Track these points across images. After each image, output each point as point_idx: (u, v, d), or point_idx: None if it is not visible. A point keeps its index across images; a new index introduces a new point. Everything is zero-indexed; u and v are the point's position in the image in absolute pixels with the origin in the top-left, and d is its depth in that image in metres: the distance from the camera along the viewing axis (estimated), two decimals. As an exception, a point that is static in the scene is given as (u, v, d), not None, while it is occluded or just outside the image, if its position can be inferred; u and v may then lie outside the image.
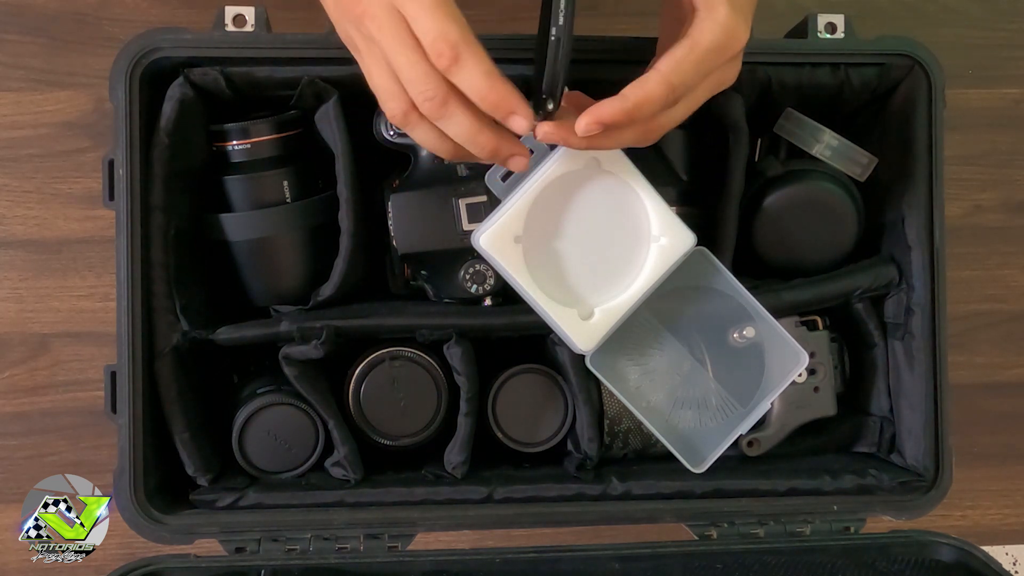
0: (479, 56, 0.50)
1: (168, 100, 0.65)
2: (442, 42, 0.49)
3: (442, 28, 0.49)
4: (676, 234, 0.64)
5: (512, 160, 0.56)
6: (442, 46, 0.49)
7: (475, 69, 0.50)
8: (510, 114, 0.52)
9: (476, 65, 0.50)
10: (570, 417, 0.71)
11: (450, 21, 0.49)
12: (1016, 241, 0.90)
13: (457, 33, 0.49)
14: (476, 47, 0.50)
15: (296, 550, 0.66)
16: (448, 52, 0.49)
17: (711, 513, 0.69)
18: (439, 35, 0.49)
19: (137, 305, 0.64)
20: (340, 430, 0.68)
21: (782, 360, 0.69)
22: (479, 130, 0.53)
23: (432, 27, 0.49)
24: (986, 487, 0.90)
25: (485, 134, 0.53)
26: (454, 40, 0.49)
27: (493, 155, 0.55)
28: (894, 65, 0.69)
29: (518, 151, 0.55)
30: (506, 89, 0.52)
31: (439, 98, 0.51)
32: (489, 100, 0.51)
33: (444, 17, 0.49)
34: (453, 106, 0.52)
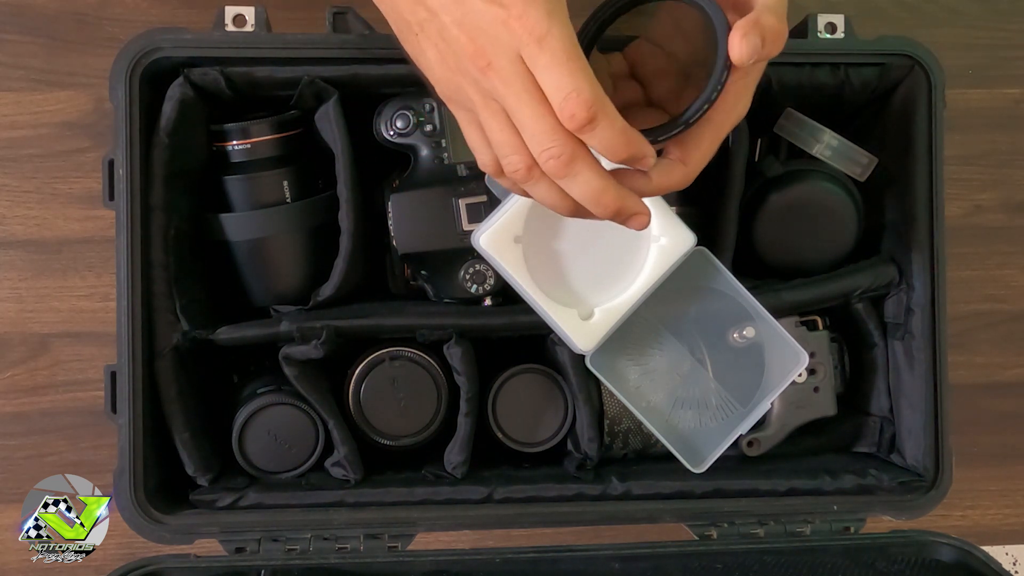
0: (613, 114, 0.47)
1: (168, 100, 0.65)
2: (575, 100, 0.46)
3: (576, 85, 0.46)
4: (676, 234, 0.64)
5: (634, 219, 0.52)
6: (576, 105, 0.46)
7: (610, 128, 0.47)
8: (643, 158, 0.50)
9: (610, 124, 0.47)
10: (570, 417, 0.71)
11: (583, 76, 0.46)
12: (1016, 241, 0.90)
13: (590, 91, 0.46)
14: (608, 104, 0.47)
15: (296, 550, 0.66)
16: (583, 112, 0.46)
17: (711, 513, 0.69)
18: (572, 93, 0.46)
19: (137, 305, 0.64)
20: (340, 430, 0.68)
21: (782, 360, 0.69)
22: (603, 190, 0.50)
23: (565, 84, 0.46)
24: (986, 487, 0.90)
25: (609, 194, 0.50)
26: (588, 99, 0.46)
27: (616, 215, 0.51)
28: (894, 65, 0.69)
29: (641, 209, 0.52)
30: (639, 139, 0.49)
31: (565, 156, 0.48)
32: (626, 154, 0.49)
33: (579, 73, 0.46)
34: (580, 165, 0.49)
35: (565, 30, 0.46)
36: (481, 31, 0.47)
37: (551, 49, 0.46)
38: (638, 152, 0.49)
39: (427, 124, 0.68)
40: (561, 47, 0.46)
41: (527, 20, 0.46)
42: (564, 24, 0.47)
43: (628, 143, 0.48)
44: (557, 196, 0.51)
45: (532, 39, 0.46)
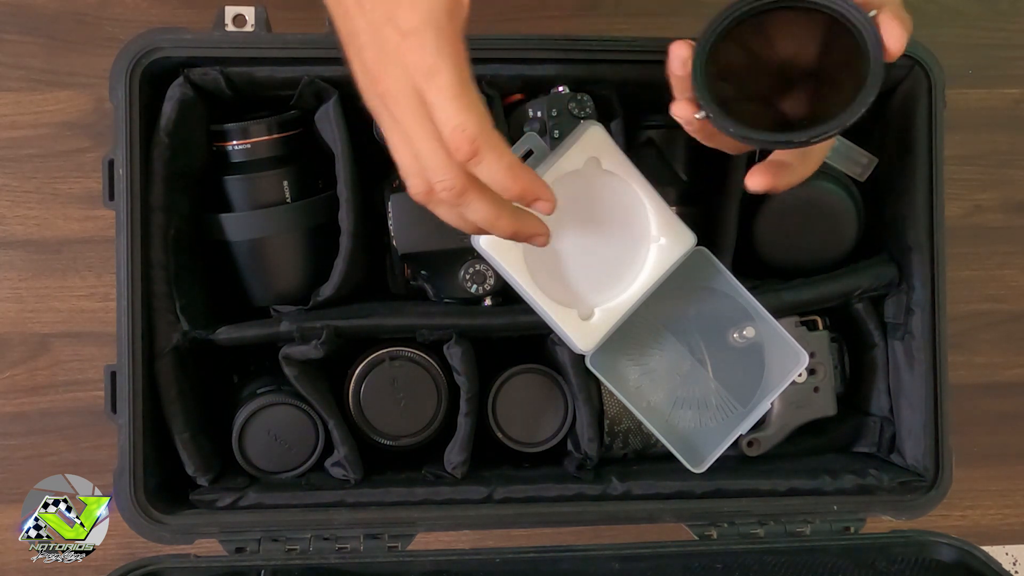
0: (499, 149, 0.49)
1: (168, 100, 0.65)
2: (460, 135, 0.48)
3: (460, 120, 0.48)
4: (676, 234, 0.64)
5: (535, 239, 0.55)
6: (460, 140, 0.48)
7: (495, 164, 0.49)
8: (534, 201, 0.52)
9: (496, 160, 0.49)
10: (570, 417, 0.71)
11: (468, 112, 0.48)
12: (1016, 241, 0.90)
13: (476, 125, 0.48)
14: (495, 139, 0.49)
15: (296, 550, 0.66)
16: (466, 147, 0.48)
17: (711, 513, 0.69)
18: (457, 127, 0.48)
19: (137, 305, 0.64)
20: (340, 430, 0.68)
21: (782, 360, 0.69)
22: (498, 216, 0.52)
23: (451, 118, 0.48)
24: (986, 487, 0.90)
25: (504, 219, 0.53)
26: (472, 134, 0.48)
27: (514, 236, 0.54)
28: (894, 65, 0.69)
29: (539, 231, 0.55)
30: (528, 178, 0.51)
31: (456, 189, 0.50)
32: (512, 192, 0.51)
33: (463, 108, 0.48)
34: (471, 195, 0.51)
35: (454, 65, 0.48)
36: (385, 58, 0.49)
37: (438, 84, 0.48)
38: (528, 191, 0.51)
39: (427, 124, 0.68)
40: (448, 83, 0.48)
41: (418, 53, 0.48)
42: (454, 59, 0.48)
43: (516, 179, 0.50)
44: (457, 218, 0.54)
45: (421, 73, 0.48)
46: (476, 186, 0.51)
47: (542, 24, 0.86)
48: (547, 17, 0.86)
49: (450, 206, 0.53)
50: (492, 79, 0.67)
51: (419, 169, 0.51)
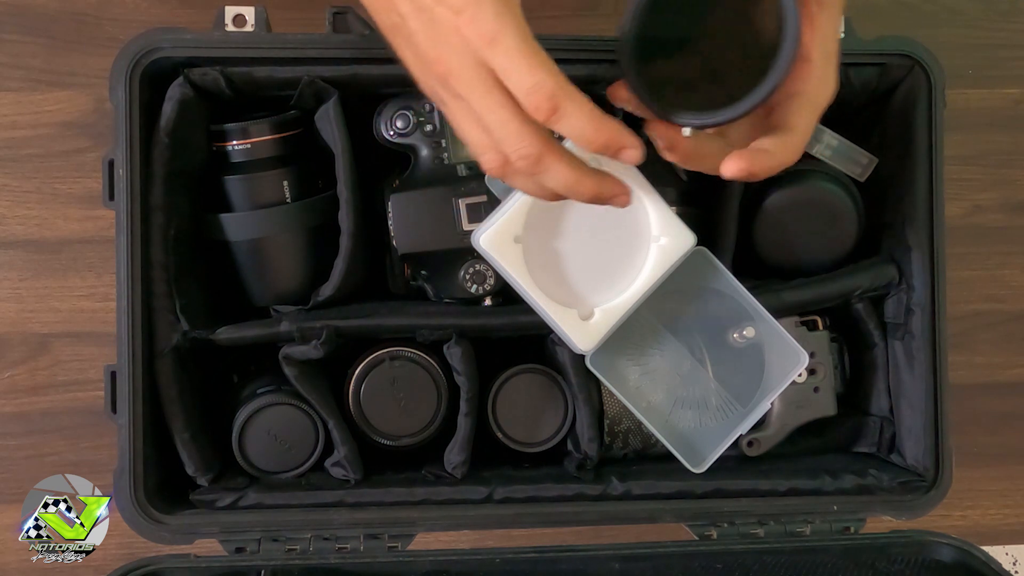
0: (579, 101, 0.49)
1: (168, 100, 0.65)
2: (539, 95, 0.48)
3: (536, 79, 0.47)
4: (676, 234, 0.64)
5: (616, 199, 0.55)
6: (539, 98, 0.48)
7: (577, 114, 0.49)
8: (621, 149, 0.51)
9: (577, 110, 0.48)
10: (570, 417, 0.71)
11: (543, 71, 0.47)
12: (1016, 241, 0.90)
13: (552, 81, 0.48)
14: (574, 92, 0.48)
15: (296, 550, 0.66)
16: (546, 104, 0.48)
17: (711, 513, 0.69)
18: (533, 87, 0.47)
19: (137, 305, 0.64)
20: (340, 430, 0.68)
21: (782, 360, 0.69)
22: (578, 179, 0.52)
23: (524, 79, 0.47)
24: (986, 487, 0.90)
25: (585, 183, 0.52)
26: (550, 90, 0.47)
27: (596, 199, 0.54)
28: (894, 65, 0.69)
29: (620, 190, 0.55)
30: (612, 126, 0.50)
31: (533, 156, 0.50)
32: (598, 142, 0.50)
33: (537, 67, 0.47)
34: (549, 161, 0.50)
35: (517, 27, 0.47)
36: (441, 38, 0.48)
37: (505, 49, 0.47)
38: (613, 140, 0.50)
39: (427, 124, 0.68)
40: (515, 45, 0.47)
41: (477, 24, 0.47)
42: (515, 22, 0.47)
43: (599, 129, 0.49)
44: (536, 187, 0.54)
45: (484, 42, 0.47)
46: (553, 150, 0.50)
47: (542, 24, 0.84)
48: (547, 17, 0.86)
49: (528, 175, 0.52)
50: (492, 79, 0.67)
51: (491, 143, 0.50)
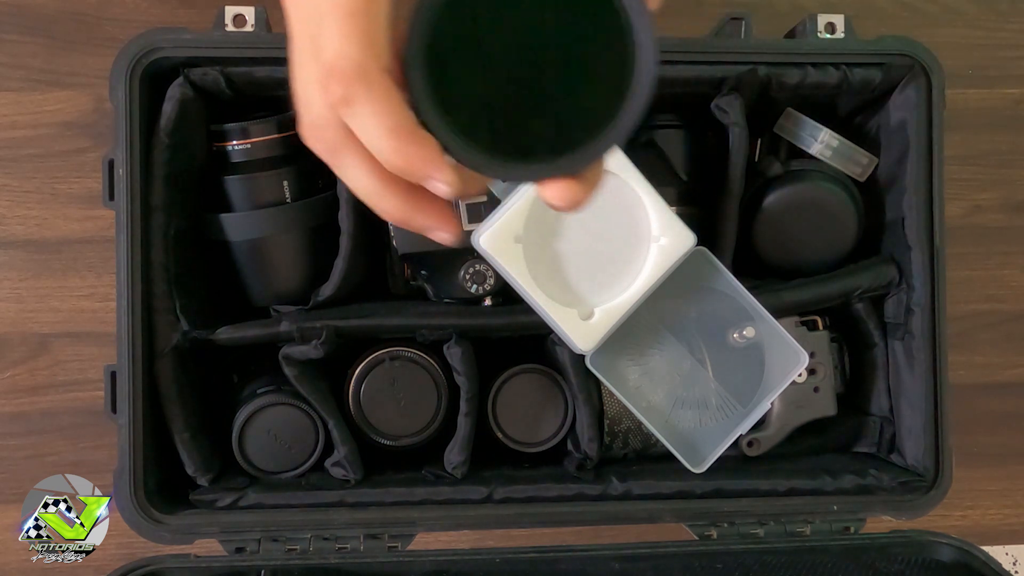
0: (379, 99, 0.35)
1: (168, 100, 0.65)
2: (331, 70, 0.35)
3: (340, 49, 0.35)
4: (676, 234, 0.64)
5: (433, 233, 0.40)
6: (329, 76, 0.35)
7: (370, 118, 0.36)
8: (426, 179, 0.37)
9: (371, 113, 0.35)
10: (570, 417, 0.71)
11: (354, 42, 0.35)
12: (1016, 241, 0.90)
13: (354, 58, 0.35)
14: (382, 85, 0.35)
15: (296, 550, 0.66)
16: (335, 85, 0.35)
17: (711, 513, 0.69)
18: (335, 56, 0.35)
19: (137, 305, 0.64)
20: (340, 430, 0.68)
21: (782, 360, 0.69)
22: (380, 192, 0.38)
23: (329, 45, 0.36)
24: (986, 487, 0.90)
25: (387, 200, 0.38)
26: (347, 68, 0.35)
27: (404, 224, 0.39)
28: (894, 65, 0.69)
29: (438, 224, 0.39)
30: (417, 149, 0.36)
31: (327, 140, 0.37)
32: (394, 164, 0.36)
33: (345, 35, 0.35)
34: (344, 154, 0.38)
35: None
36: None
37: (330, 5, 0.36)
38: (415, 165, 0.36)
39: (427, 124, 0.68)
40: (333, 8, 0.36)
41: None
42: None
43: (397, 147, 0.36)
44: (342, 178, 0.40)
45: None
46: (354, 143, 0.37)
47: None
48: (547, 17, 0.86)
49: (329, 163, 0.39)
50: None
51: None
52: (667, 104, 0.70)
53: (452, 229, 0.39)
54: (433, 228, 0.39)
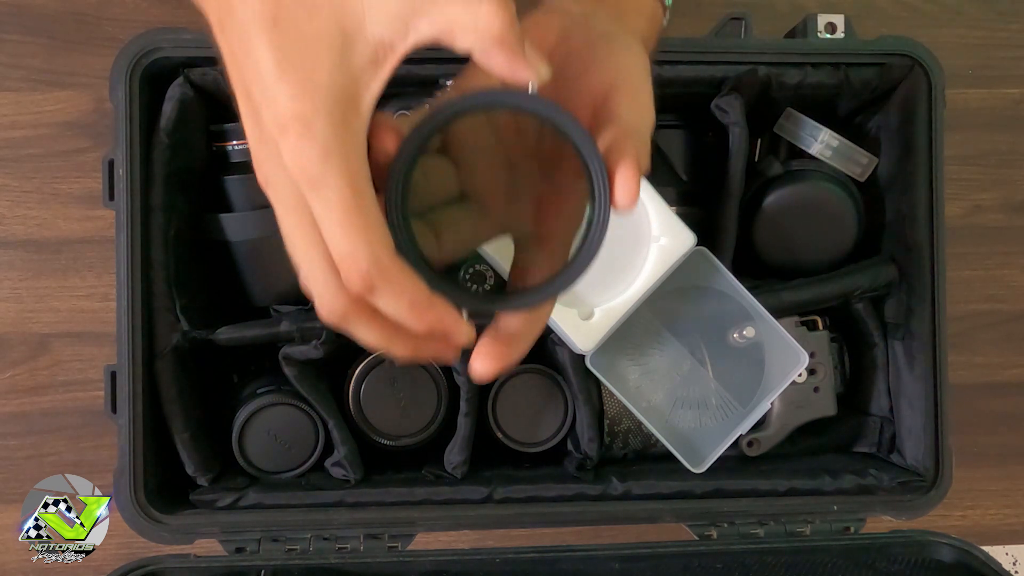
0: (398, 283, 0.39)
1: (168, 100, 0.65)
2: (350, 265, 0.38)
3: (349, 247, 0.38)
4: (676, 234, 0.64)
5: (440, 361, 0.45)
6: (350, 270, 0.38)
7: (394, 301, 0.39)
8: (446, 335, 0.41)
9: (394, 297, 0.39)
10: (570, 417, 0.71)
11: (359, 238, 0.38)
12: (1016, 241, 0.90)
13: (367, 256, 0.38)
14: (394, 270, 0.39)
15: (296, 550, 0.66)
16: (357, 280, 0.38)
17: (711, 513, 0.69)
18: (346, 256, 0.38)
19: (137, 305, 0.64)
20: (340, 430, 0.68)
21: (782, 360, 0.69)
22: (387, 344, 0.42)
23: (339, 243, 0.38)
24: (986, 487, 0.90)
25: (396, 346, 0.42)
26: (364, 266, 0.38)
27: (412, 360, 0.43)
28: (894, 65, 0.69)
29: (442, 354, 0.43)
30: (434, 315, 0.40)
31: (337, 314, 0.41)
32: (417, 329, 0.41)
33: (353, 232, 0.38)
34: (354, 322, 0.41)
35: (344, 175, 0.38)
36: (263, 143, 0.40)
37: (325, 199, 0.38)
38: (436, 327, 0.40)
39: (427, 124, 0.68)
40: (337, 197, 0.38)
41: (299, 157, 0.38)
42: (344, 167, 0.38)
43: (420, 316, 0.40)
44: None
45: (304, 180, 0.38)
46: (361, 312, 0.41)
47: (542, 24, 0.86)
48: (547, 17, 0.86)
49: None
50: (492, 79, 0.67)
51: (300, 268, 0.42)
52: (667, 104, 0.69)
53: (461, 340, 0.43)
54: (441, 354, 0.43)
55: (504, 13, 0.39)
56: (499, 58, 0.39)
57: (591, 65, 0.45)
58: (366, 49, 0.39)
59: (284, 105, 0.38)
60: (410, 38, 0.39)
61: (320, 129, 0.38)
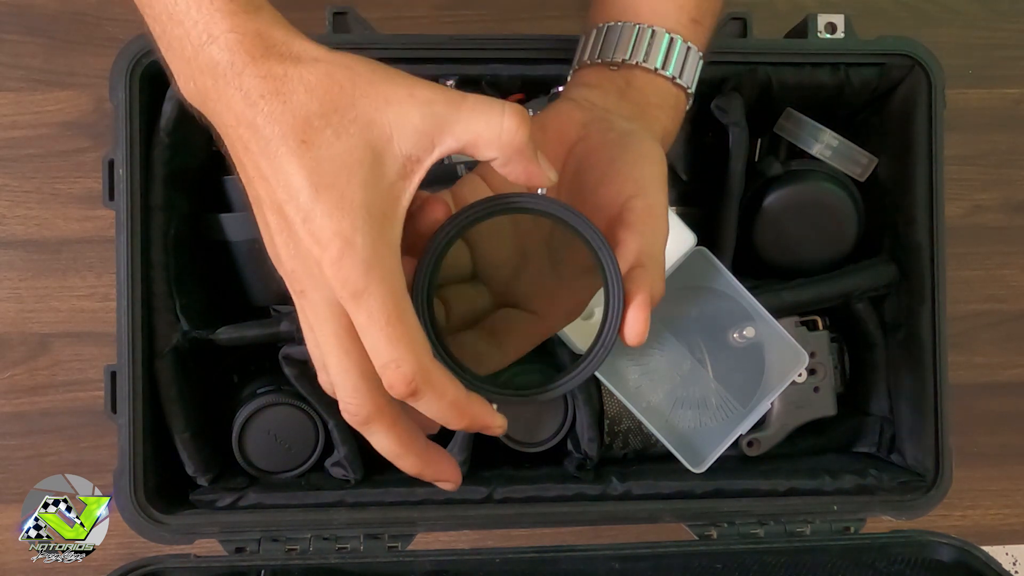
0: (439, 387, 0.42)
1: (168, 100, 0.65)
2: (394, 372, 0.41)
3: (396, 356, 0.41)
4: (676, 234, 0.64)
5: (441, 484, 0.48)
6: (394, 377, 0.41)
7: (436, 403, 0.42)
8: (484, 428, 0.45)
9: (436, 399, 0.42)
10: (570, 417, 0.71)
11: (405, 346, 0.40)
12: (1016, 241, 0.90)
13: (412, 362, 0.41)
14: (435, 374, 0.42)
15: (296, 550, 0.66)
16: (402, 386, 0.41)
17: (711, 513, 0.69)
18: (390, 363, 0.41)
19: (137, 305, 0.64)
20: (340, 430, 0.68)
21: (782, 360, 0.69)
22: (402, 455, 0.45)
23: (384, 352, 0.41)
24: (986, 487, 0.90)
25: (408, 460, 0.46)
26: (409, 372, 0.41)
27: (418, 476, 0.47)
28: (894, 65, 0.69)
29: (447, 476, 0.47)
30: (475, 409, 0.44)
31: (360, 417, 0.44)
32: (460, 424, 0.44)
33: (398, 340, 0.40)
34: (375, 427, 0.44)
35: (386, 285, 0.40)
36: (300, 258, 0.42)
37: (368, 309, 0.40)
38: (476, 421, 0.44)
39: (427, 124, 0.68)
40: (380, 307, 0.40)
41: (341, 271, 0.40)
42: (385, 278, 0.40)
43: (461, 415, 0.43)
44: None
45: (347, 293, 0.40)
46: (384, 419, 0.44)
47: (542, 24, 0.86)
48: (547, 17, 0.86)
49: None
50: (492, 79, 0.67)
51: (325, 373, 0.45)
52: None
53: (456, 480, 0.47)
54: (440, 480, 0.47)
55: (524, 128, 0.42)
56: (518, 167, 0.43)
57: (609, 171, 0.48)
58: (395, 164, 0.41)
59: (322, 223, 0.40)
60: (436, 152, 0.42)
61: (361, 245, 0.40)
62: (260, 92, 0.40)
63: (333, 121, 0.40)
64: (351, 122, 0.41)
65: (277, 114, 0.40)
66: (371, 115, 0.41)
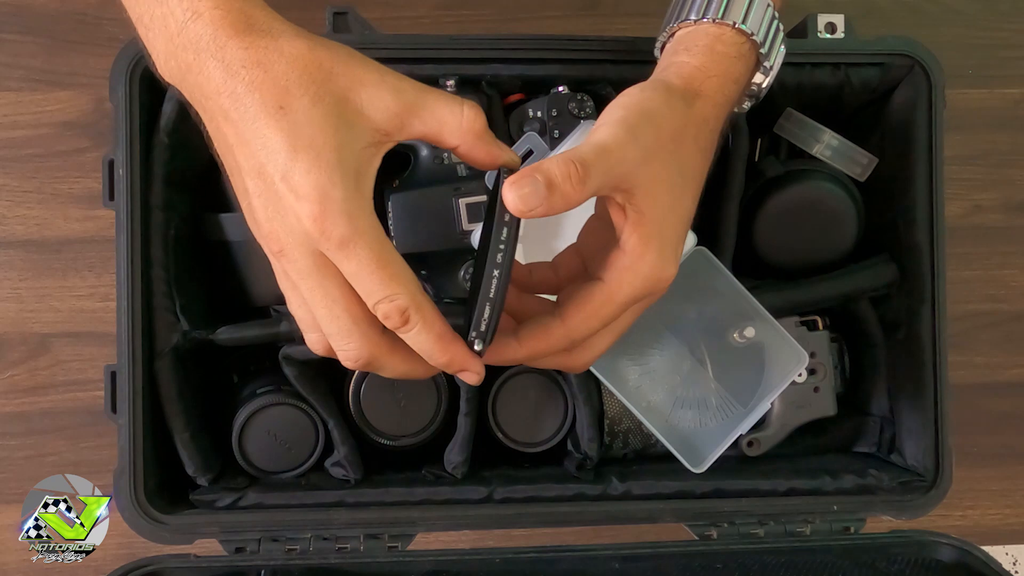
0: (429, 318, 0.46)
1: (168, 100, 0.65)
2: (389, 306, 0.45)
3: (390, 292, 0.44)
4: (676, 234, 0.64)
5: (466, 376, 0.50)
6: (389, 309, 0.45)
7: (424, 333, 0.46)
8: (461, 372, 0.49)
9: (426, 329, 0.46)
10: (570, 417, 0.71)
11: (398, 283, 0.44)
12: (1016, 241, 0.90)
13: (406, 294, 0.45)
14: (425, 306, 0.46)
15: (296, 550, 0.66)
16: (397, 317, 0.45)
17: (711, 513, 0.69)
18: (386, 298, 0.45)
19: (137, 305, 0.64)
20: (340, 430, 0.68)
21: (782, 360, 0.69)
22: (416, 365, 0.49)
23: (378, 290, 0.44)
24: (986, 487, 0.90)
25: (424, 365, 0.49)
26: (402, 303, 0.45)
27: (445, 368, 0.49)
28: (894, 65, 0.69)
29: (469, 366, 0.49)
30: (455, 349, 0.48)
31: (362, 359, 0.47)
32: (439, 361, 0.48)
33: (391, 279, 0.44)
34: (380, 362, 0.48)
35: (371, 233, 0.44)
36: (278, 216, 0.45)
37: (357, 257, 0.44)
38: (455, 361, 0.48)
39: (427, 124, 0.68)
40: (368, 253, 0.44)
41: (325, 223, 0.43)
42: (369, 222, 0.44)
43: (444, 350, 0.47)
44: None
45: (332, 244, 0.43)
46: (385, 351, 0.48)
47: (542, 24, 0.86)
48: (547, 17, 0.86)
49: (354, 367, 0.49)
50: (492, 79, 0.67)
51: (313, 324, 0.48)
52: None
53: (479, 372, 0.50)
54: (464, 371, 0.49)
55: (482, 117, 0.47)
56: (481, 151, 0.48)
57: None
58: (365, 135, 0.45)
59: (301, 179, 0.43)
60: (404, 132, 0.46)
61: (341, 198, 0.43)
62: (242, 62, 0.44)
63: (311, 91, 0.44)
64: (328, 93, 0.44)
65: (258, 82, 0.43)
66: (346, 92, 0.45)
